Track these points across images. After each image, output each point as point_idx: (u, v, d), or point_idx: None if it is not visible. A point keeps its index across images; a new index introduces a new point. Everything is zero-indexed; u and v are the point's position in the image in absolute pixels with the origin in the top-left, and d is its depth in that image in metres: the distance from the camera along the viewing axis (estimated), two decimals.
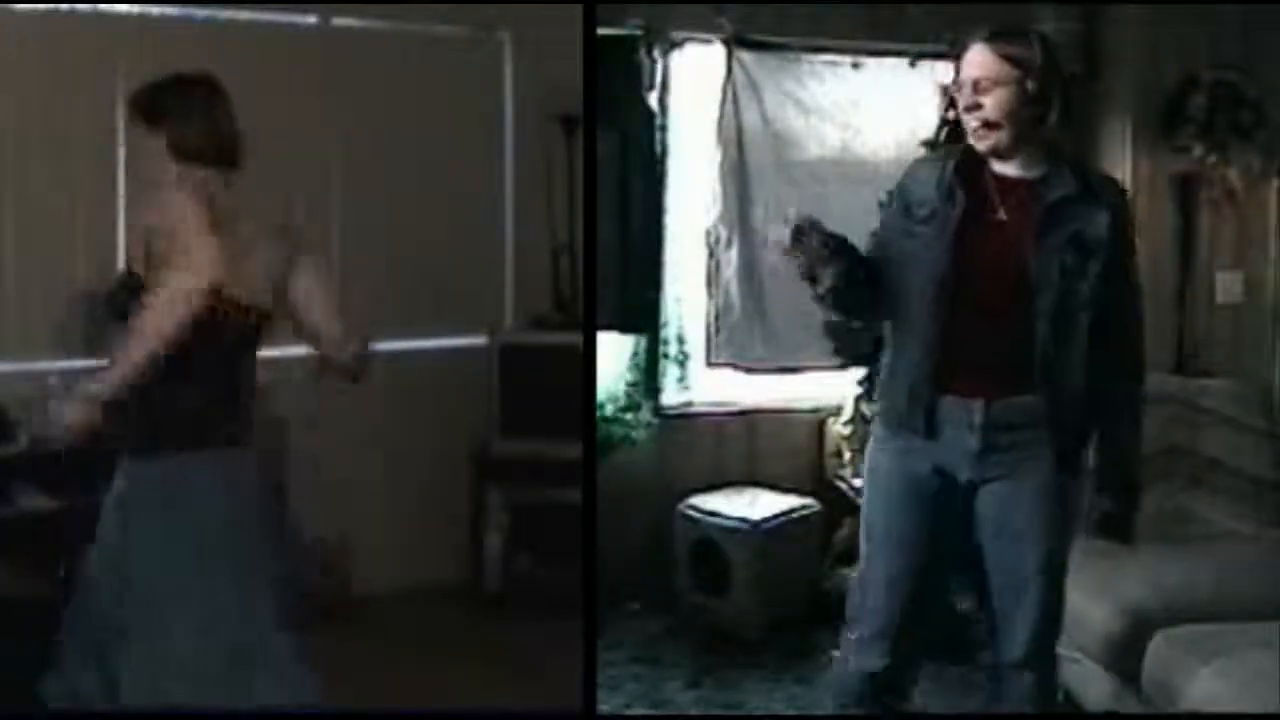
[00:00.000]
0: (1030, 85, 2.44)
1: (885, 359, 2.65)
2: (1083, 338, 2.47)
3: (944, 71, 4.45)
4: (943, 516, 2.57)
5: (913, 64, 4.47)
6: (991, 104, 2.44)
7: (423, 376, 4.68)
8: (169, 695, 2.51)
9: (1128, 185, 4.36)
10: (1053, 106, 2.47)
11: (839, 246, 2.43)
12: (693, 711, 3.60)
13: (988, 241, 2.48)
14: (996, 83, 2.43)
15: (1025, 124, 2.46)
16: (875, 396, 2.69)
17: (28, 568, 3.03)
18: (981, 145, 2.49)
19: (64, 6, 4.09)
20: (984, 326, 2.48)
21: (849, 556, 3.18)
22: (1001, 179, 2.51)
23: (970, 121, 2.47)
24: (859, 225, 2.66)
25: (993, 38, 2.48)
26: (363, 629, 4.20)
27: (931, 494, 2.56)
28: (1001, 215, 2.48)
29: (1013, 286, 2.45)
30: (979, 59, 2.46)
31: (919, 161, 2.68)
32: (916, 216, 2.53)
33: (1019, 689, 2.61)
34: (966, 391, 2.49)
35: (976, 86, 2.45)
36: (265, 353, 2.65)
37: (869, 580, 2.65)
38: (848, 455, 4.36)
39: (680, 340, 4.52)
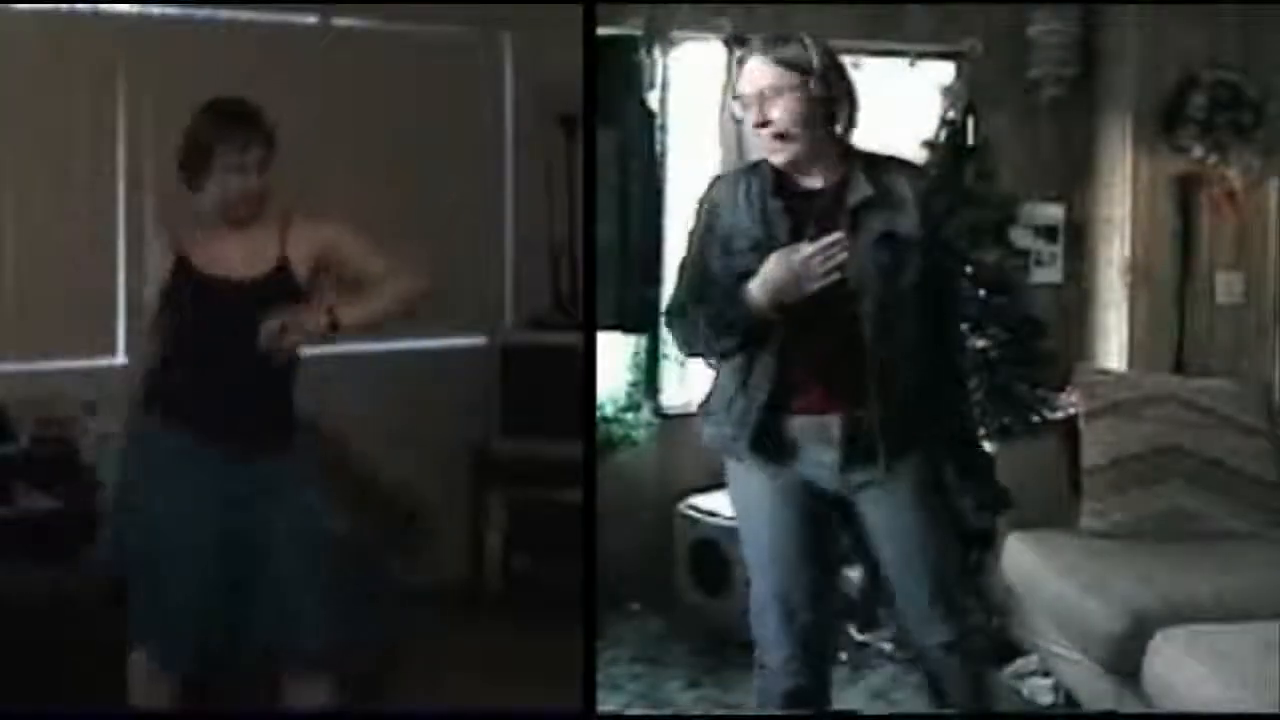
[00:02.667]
0: (815, 89, 2.43)
1: (723, 382, 2.63)
2: (913, 333, 2.47)
3: (944, 72, 4.47)
4: (819, 528, 2.57)
5: (913, 64, 4.47)
6: (780, 114, 2.42)
7: (423, 376, 4.68)
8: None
9: (1128, 185, 4.42)
10: (841, 108, 2.47)
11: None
12: (693, 711, 3.60)
13: None
14: (780, 91, 2.42)
15: (818, 131, 2.44)
16: (719, 423, 2.65)
17: (28, 568, 3.02)
18: (779, 159, 2.47)
19: (64, 6, 4.09)
20: (820, 341, 2.46)
21: (847, 556, 3.22)
22: (805, 193, 2.49)
23: (763, 136, 2.45)
24: None
25: (767, 47, 2.46)
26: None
27: (805, 509, 2.55)
28: (811, 232, 2.42)
29: (836, 297, 2.40)
30: (759, 70, 2.44)
31: (718, 182, 2.62)
32: (737, 249, 2.50)
33: (949, 673, 2.61)
34: (819, 408, 2.49)
35: (762, 99, 2.42)
36: None
37: (763, 607, 2.60)
38: None
39: None
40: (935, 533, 2.56)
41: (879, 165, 2.52)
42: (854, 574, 3.78)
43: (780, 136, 2.44)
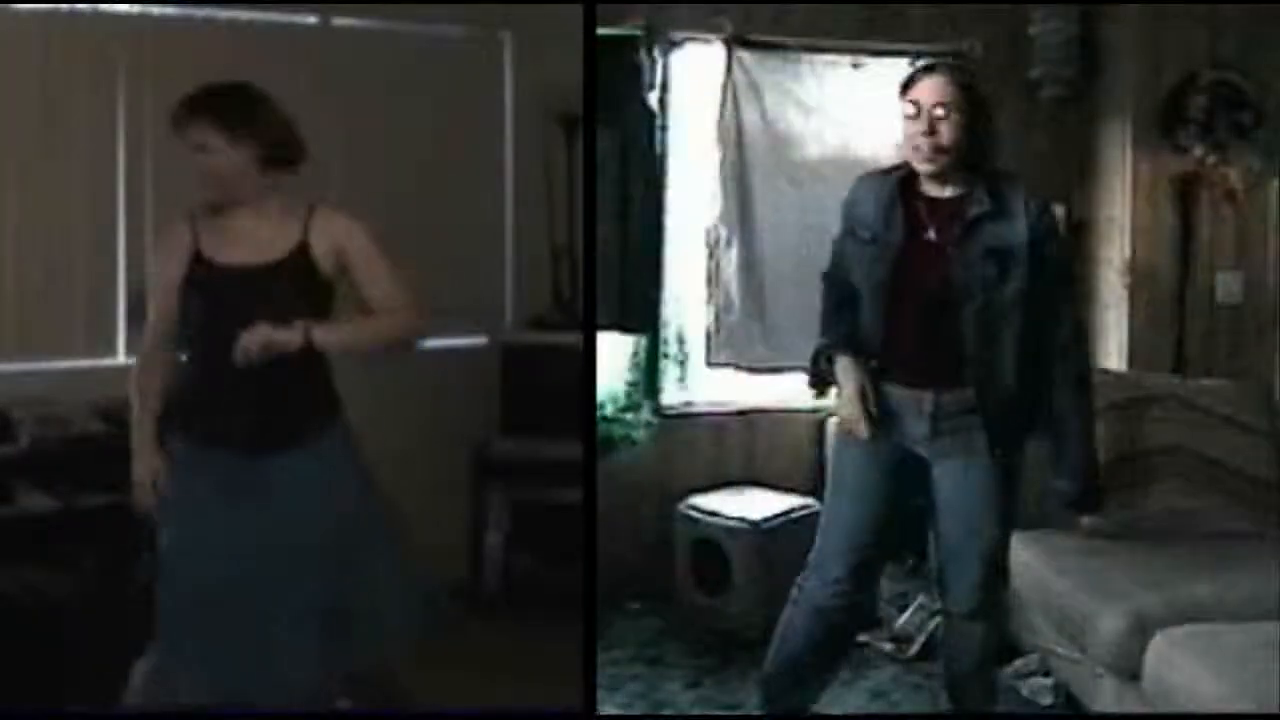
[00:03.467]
0: (974, 116, 2.71)
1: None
2: (1012, 340, 2.74)
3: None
4: (901, 479, 2.88)
5: (913, 64, 4.46)
6: (947, 130, 2.68)
7: (423, 376, 4.67)
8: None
9: (1128, 185, 4.42)
10: (986, 134, 2.75)
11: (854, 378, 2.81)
12: (693, 711, 3.60)
13: (919, 257, 2.75)
14: (950, 109, 2.67)
15: (965, 149, 2.71)
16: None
17: (28, 568, 3.02)
18: (929, 168, 2.73)
19: (64, 7, 4.09)
20: (923, 330, 2.78)
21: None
22: (930, 200, 2.78)
23: (924, 145, 2.69)
24: None
25: (948, 68, 2.77)
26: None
27: (892, 462, 2.86)
28: (931, 235, 2.76)
29: (942, 296, 2.73)
30: (938, 85, 2.69)
31: (862, 182, 2.91)
32: (861, 239, 2.83)
33: (970, 637, 2.95)
34: (916, 384, 2.79)
35: (934, 112, 2.67)
36: None
37: (831, 529, 2.97)
38: None
39: (680, 340, 4.53)
40: (999, 514, 2.85)
41: (998, 181, 2.78)
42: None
43: (940, 149, 2.70)
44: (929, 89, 2.70)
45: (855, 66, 4.43)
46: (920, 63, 2.86)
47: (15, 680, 3.31)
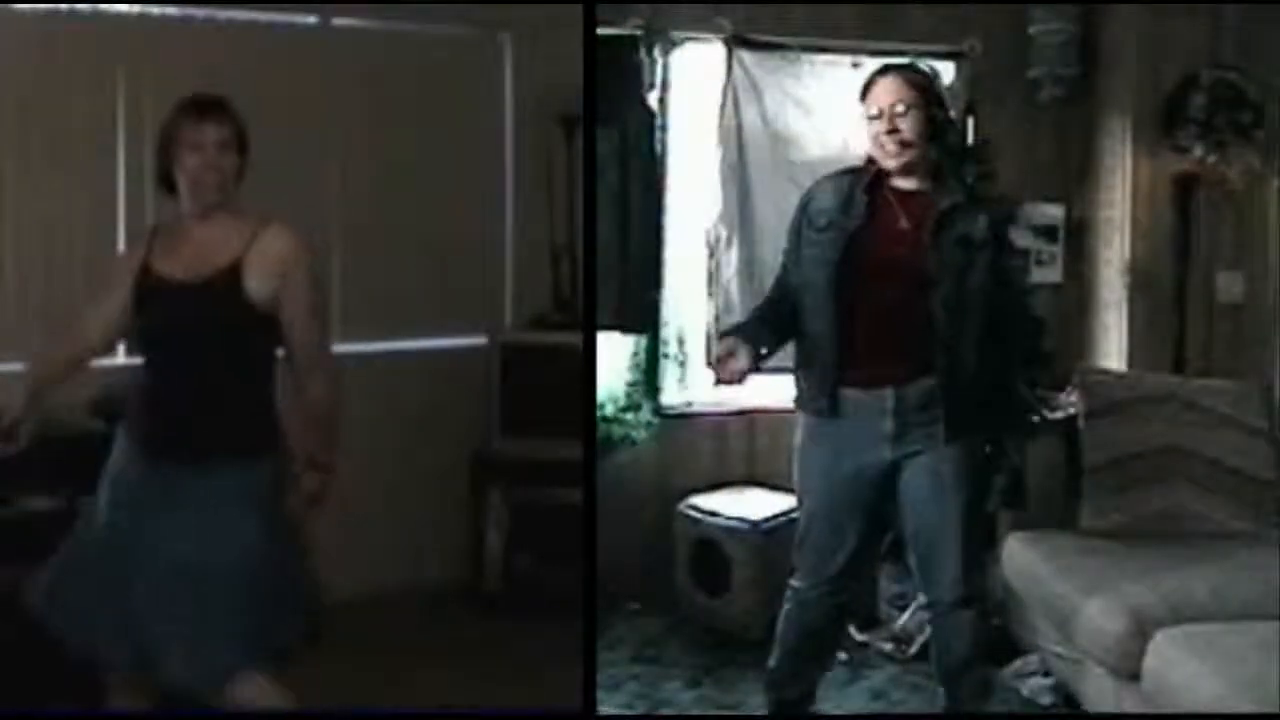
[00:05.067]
0: (932, 111, 2.85)
1: (799, 350, 2.99)
2: (975, 327, 2.83)
3: (944, 71, 4.46)
4: (868, 481, 2.90)
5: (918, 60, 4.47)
6: (908, 126, 2.81)
7: (423, 376, 4.68)
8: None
9: (1128, 185, 4.42)
10: (945, 130, 2.90)
11: (740, 342, 2.80)
12: (693, 711, 3.60)
13: (893, 246, 2.84)
14: (910, 107, 2.81)
15: (926, 144, 2.84)
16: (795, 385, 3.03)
17: (28, 568, 3.01)
18: (895, 162, 2.85)
19: (64, 7, 4.09)
20: (887, 319, 2.84)
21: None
22: (900, 192, 2.89)
23: (888, 143, 2.82)
24: None
25: (901, 69, 2.91)
26: (362, 629, 4.19)
27: (856, 466, 2.89)
28: (904, 223, 2.86)
29: (914, 283, 2.81)
30: (895, 86, 2.84)
31: (823, 180, 3.01)
32: (816, 225, 2.91)
33: (959, 626, 2.97)
34: (874, 383, 2.85)
35: (894, 110, 2.81)
36: None
37: (806, 536, 3.02)
38: None
39: (680, 340, 4.53)
40: (971, 498, 2.90)
41: (964, 174, 2.95)
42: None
43: (905, 144, 2.82)
44: (887, 91, 2.84)
45: (855, 66, 4.42)
46: (874, 67, 2.95)
47: (15, 680, 3.31)
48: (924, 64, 2.96)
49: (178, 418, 2.65)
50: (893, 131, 2.82)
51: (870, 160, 2.91)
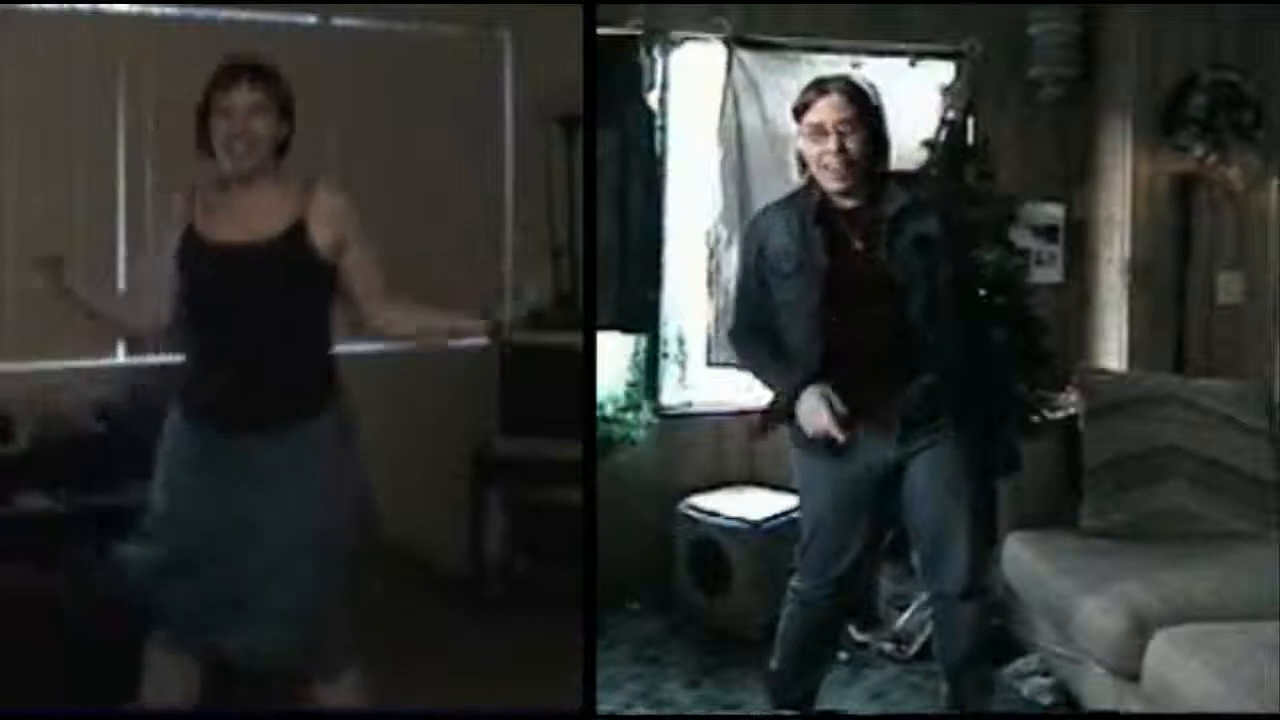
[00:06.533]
0: (875, 126, 2.80)
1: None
2: (962, 321, 2.87)
3: (944, 71, 4.47)
4: (871, 484, 2.90)
5: (913, 64, 4.47)
6: (854, 144, 2.75)
7: (423, 376, 4.67)
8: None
9: (1128, 185, 4.43)
10: (884, 142, 2.83)
11: (830, 391, 2.79)
12: (693, 712, 3.60)
13: (856, 268, 2.81)
14: (854, 124, 2.75)
15: (871, 159, 2.79)
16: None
17: (28, 568, 3.02)
18: (840, 184, 2.79)
19: (64, 6, 4.09)
20: (873, 336, 2.82)
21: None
22: (846, 212, 2.83)
23: (834, 163, 2.76)
24: None
25: (840, 85, 2.81)
26: (362, 629, 4.19)
27: (860, 469, 2.89)
28: (858, 244, 2.81)
29: (886, 297, 2.79)
30: (837, 103, 2.76)
31: (768, 213, 2.96)
32: (781, 271, 2.87)
33: (964, 619, 2.96)
34: (873, 394, 2.82)
35: (839, 129, 2.74)
36: None
37: (811, 542, 3.01)
38: None
39: (680, 340, 4.53)
40: (978, 491, 2.92)
41: (906, 178, 2.90)
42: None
43: (851, 164, 2.76)
44: (829, 109, 2.77)
45: (855, 66, 4.41)
46: (810, 84, 2.86)
47: (15, 680, 3.31)
48: (861, 79, 2.89)
49: (242, 383, 2.62)
50: (840, 151, 2.75)
51: (811, 183, 2.85)
